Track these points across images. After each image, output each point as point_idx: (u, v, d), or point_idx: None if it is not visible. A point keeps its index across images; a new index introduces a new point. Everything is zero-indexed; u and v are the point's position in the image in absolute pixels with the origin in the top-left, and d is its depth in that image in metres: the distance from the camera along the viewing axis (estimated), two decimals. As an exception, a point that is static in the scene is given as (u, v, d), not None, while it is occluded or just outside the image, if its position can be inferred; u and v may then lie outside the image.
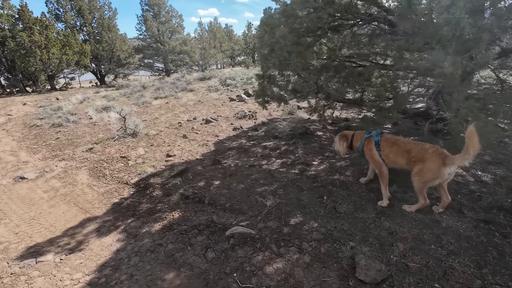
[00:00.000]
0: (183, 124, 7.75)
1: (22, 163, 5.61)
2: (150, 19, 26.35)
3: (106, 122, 8.52)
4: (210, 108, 9.85)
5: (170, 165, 4.95)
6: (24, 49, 19.46)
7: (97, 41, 25.30)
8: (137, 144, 6.27)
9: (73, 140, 6.94)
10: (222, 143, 5.93)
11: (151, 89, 17.00)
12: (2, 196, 4.24)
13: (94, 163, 5.35)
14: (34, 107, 13.02)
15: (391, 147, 3.06)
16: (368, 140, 3.25)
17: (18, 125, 9.22)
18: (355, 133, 3.43)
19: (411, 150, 2.88)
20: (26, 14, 19.96)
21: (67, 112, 10.00)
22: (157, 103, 11.62)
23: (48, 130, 8.08)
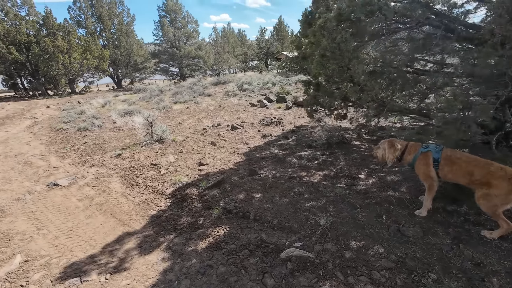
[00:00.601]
0: (208, 130, 7.57)
1: (53, 168, 5.52)
2: (167, 24, 26.67)
3: (131, 126, 8.45)
4: (232, 114, 9.66)
5: (204, 174, 4.73)
6: (47, 53, 19.93)
7: (116, 46, 25.75)
8: (165, 150, 6.10)
9: (100, 145, 6.85)
10: (254, 152, 5.69)
11: (168, 93, 17.04)
12: (38, 204, 4.11)
13: (125, 170, 5.19)
14: (57, 110, 13.18)
15: (452, 166, 2.76)
16: (424, 155, 2.94)
17: (44, 128, 9.27)
18: (409, 144, 3.11)
19: (474, 172, 2.58)
20: (50, 20, 20.51)
21: (91, 116, 10.01)
22: (178, 107, 11.54)
23: (74, 134, 8.05)
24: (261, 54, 37.16)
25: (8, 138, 8.21)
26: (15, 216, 3.83)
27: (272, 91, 15.00)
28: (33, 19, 20.93)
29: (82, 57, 21.21)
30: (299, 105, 10.38)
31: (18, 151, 6.82)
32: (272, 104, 11.10)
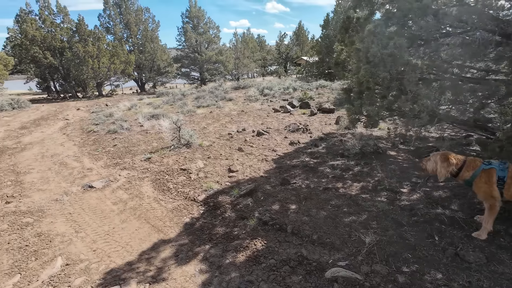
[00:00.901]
0: (233, 136, 7.52)
1: (87, 170, 5.67)
2: (190, 30, 27.35)
3: (158, 130, 8.59)
4: (256, 119, 9.59)
5: (235, 181, 4.65)
6: (78, 58, 21.00)
7: (141, 51, 26.69)
8: (193, 155, 6.10)
9: (129, 148, 6.99)
10: (283, 159, 5.54)
11: (190, 97, 17.33)
12: (75, 206, 4.20)
13: (156, 174, 5.22)
14: (87, 112, 13.75)
15: None
16: (487, 172, 2.66)
17: (76, 130, 9.66)
18: (467, 160, 2.83)
19: None
20: (82, 27, 21.63)
21: (119, 119, 10.32)
22: (201, 112, 11.65)
23: (104, 136, 8.30)
24: (281, 59, 37.07)
25: (44, 138, 8.61)
26: (54, 217, 3.92)
27: (294, 97, 14.84)
28: (67, 26, 22.16)
29: (110, 62, 22.14)
30: (324, 111, 10.14)
31: (54, 152, 7.11)
32: (296, 109, 10.92)
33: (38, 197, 4.53)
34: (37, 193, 4.70)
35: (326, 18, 25.65)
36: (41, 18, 21.28)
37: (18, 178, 5.38)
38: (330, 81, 21.48)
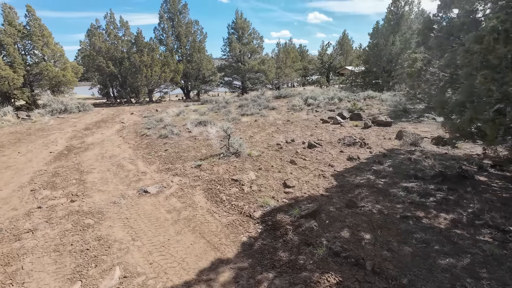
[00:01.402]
0: (283, 147, 7.14)
1: (141, 174, 5.77)
2: (235, 41, 28.17)
3: (205, 137, 8.62)
4: (304, 130, 9.11)
5: (293, 198, 4.22)
6: (134, 67, 22.88)
7: (188, 61, 28.19)
8: (243, 165, 5.85)
9: (180, 153, 7.04)
10: (344, 176, 4.97)
11: (233, 105, 17.53)
12: (131, 210, 4.17)
13: (207, 183, 5.05)
14: (139, 117, 14.67)
15: None
16: None
17: (131, 133, 10.22)
18: None
19: None
20: (140, 39, 23.62)
21: (169, 125, 10.70)
22: (246, 120, 11.55)
23: (156, 140, 8.58)
24: (323, 68, 36.11)
25: (103, 140, 9.24)
26: (112, 220, 3.91)
27: (340, 107, 14.03)
28: (127, 39, 24.43)
29: (161, 71, 23.71)
30: (379, 124, 9.25)
31: (112, 153, 7.49)
32: (347, 121, 10.18)
33: (98, 198, 4.64)
34: (98, 193, 4.84)
35: (375, 26, 24.31)
36: (107, 32, 23.79)
37: (81, 177, 5.67)
38: (378, 92, 20.08)
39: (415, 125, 9.13)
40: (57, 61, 20.06)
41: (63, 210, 4.23)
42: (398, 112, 11.21)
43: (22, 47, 18.63)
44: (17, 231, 3.68)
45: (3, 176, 5.87)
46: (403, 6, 23.04)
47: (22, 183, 5.44)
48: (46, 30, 18.88)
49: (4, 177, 5.80)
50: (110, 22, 24.18)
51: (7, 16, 17.50)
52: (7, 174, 5.98)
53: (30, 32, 18.14)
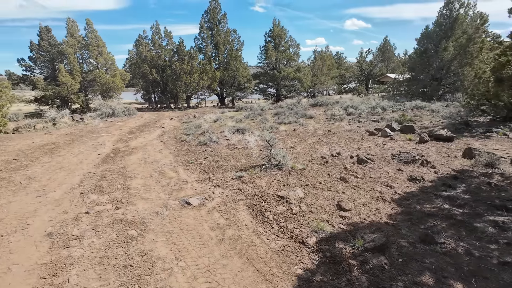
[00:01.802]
0: (328, 160, 6.56)
1: (182, 182, 5.63)
2: (271, 48, 28.17)
3: (244, 145, 8.36)
4: (349, 142, 8.39)
5: (351, 224, 3.66)
6: (175, 74, 23.94)
7: (225, 68, 28.79)
8: (287, 179, 5.40)
9: (219, 162, 6.84)
10: (408, 201, 4.26)
11: (268, 112, 17.24)
12: (173, 223, 3.97)
13: (250, 198, 4.70)
14: (178, 122, 15.08)
15: None
16: None
17: (171, 138, 10.41)
18: None
19: None
20: (181, 48, 24.73)
21: (207, 131, 10.71)
22: (284, 129, 11.13)
23: (195, 147, 8.55)
24: (362, 76, 34.35)
25: (146, 144, 9.50)
26: (155, 233, 3.72)
27: (385, 117, 12.93)
28: (170, 48, 25.77)
29: (199, 78, 24.48)
30: (438, 138, 8.16)
31: (154, 158, 7.58)
32: (397, 134, 9.20)
33: (141, 207, 4.54)
34: (141, 201, 4.76)
35: (424, 31, 22.47)
36: (152, 41, 25.35)
37: (126, 182, 5.70)
38: (426, 102, 18.30)
39: (482, 141, 7.89)
40: (108, 68, 21.79)
41: (108, 217, 4.18)
42: (458, 126, 9.87)
43: (80, 56, 20.56)
44: (66, 237, 3.66)
45: (57, 177, 6.17)
46: (457, 9, 20.98)
47: (73, 185, 5.62)
48: (101, 41, 20.64)
49: (58, 178, 6.09)
50: (155, 33, 25.77)
51: (70, 29, 19.49)
52: (61, 175, 6.28)
53: (88, 43, 19.96)
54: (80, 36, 20.12)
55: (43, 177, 6.12)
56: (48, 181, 5.87)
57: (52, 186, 5.57)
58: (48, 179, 5.99)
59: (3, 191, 5.31)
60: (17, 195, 5.15)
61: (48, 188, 5.46)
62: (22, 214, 4.35)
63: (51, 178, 6.05)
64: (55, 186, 5.57)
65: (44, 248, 3.44)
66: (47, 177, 6.12)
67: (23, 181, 5.87)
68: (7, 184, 5.72)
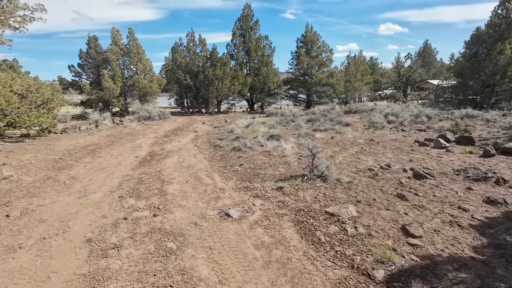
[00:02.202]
0: (378, 173, 5.83)
1: (219, 190, 5.32)
2: (303, 54, 27.61)
3: (280, 153, 7.90)
4: (396, 153, 7.53)
5: (426, 257, 2.99)
6: (207, 80, 24.38)
7: (255, 74, 28.77)
8: (334, 193, 4.82)
9: (256, 170, 6.45)
10: (491, 229, 3.46)
11: (301, 118, 16.64)
12: (214, 237, 3.61)
13: (295, 213, 4.21)
14: (210, 127, 15.10)
15: None
16: None
17: (204, 143, 10.31)
18: None
19: None
20: (214, 54, 25.19)
21: (241, 136, 10.45)
22: (320, 136, 10.48)
23: (230, 153, 8.28)
24: (399, 82, 32.17)
25: (180, 148, 9.47)
26: (195, 248, 3.39)
27: (432, 127, 11.65)
28: (203, 54, 26.39)
29: (231, 83, 24.65)
30: (506, 152, 6.99)
31: (189, 163, 7.43)
32: (453, 145, 8.10)
33: (179, 215, 4.27)
34: (178, 209, 4.50)
35: (474, 33, 20.40)
36: (187, 48, 26.18)
37: (162, 187, 5.54)
38: (477, 110, 16.36)
39: None
40: (146, 74, 22.85)
41: (146, 225, 3.95)
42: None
43: (122, 63, 21.82)
44: (105, 245, 3.47)
45: (98, 178, 6.22)
46: (515, 8, 18.78)
47: (112, 187, 5.59)
48: (141, 48, 21.73)
49: (98, 179, 6.14)
50: (190, 40, 26.60)
51: (114, 37, 20.80)
52: (101, 176, 6.33)
53: (129, 50, 21.12)
54: (122, 44, 21.39)
55: (85, 178, 6.21)
56: (89, 182, 5.92)
57: (92, 188, 5.59)
58: (89, 180, 6.06)
59: (49, 190, 5.42)
60: (61, 195, 5.21)
61: (89, 189, 5.47)
62: (64, 216, 4.31)
63: (92, 179, 6.11)
64: (96, 188, 5.57)
65: (83, 255, 3.27)
66: (88, 178, 6.20)
67: (67, 181, 5.99)
68: (53, 183, 5.87)
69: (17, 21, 9.17)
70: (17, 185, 5.71)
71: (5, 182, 5.83)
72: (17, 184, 5.76)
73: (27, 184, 5.75)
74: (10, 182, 5.87)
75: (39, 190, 5.44)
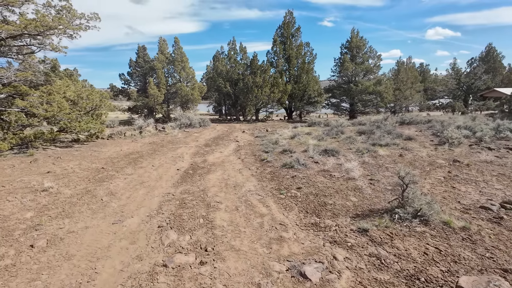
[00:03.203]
0: (502, 216, 4.05)
1: (279, 225, 4.06)
2: (348, 60, 25.60)
3: (344, 174, 6.41)
4: (505, 182, 5.54)
5: None
6: (247, 88, 23.71)
7: (295, 81, 27.43)
8: (451, 248, 3.23)
9: (320, 197, 5.07)
10: None
11: (348, 129, 14.82)
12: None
13: (405, 281, 2.74)
14: (251, 136, 14.08)
15: None
16: None
17: (248, 155, 9.23)
18: None
19: None
20: (254, 62, 24.51)
21: (288, 150, 9.16)
22: (384, 153, 8.69)
23: (280, 170, 7.02)
24: (459, 90, 28.03)
25: (223, 160, 8.50)
26: None
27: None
28: (244, 62, 25.92)
29: (270, 91, 23.65)
30: None
31: (235, 181, 6.34)
32: None
33: (233, 266, 3.09)
34: (231, 255, 3.33)
35: None
36: (228, 56, 25.96)
37: (208, 215, 4.46)
38: None
39: None
40: (188, 82, 22.98)
41: (192, 281, 2.84)
42: None
43: (166, 71, 22.22)
44: (136, 314, 2.40)
45: (137, 195, 5.41)
46: None
47: (151, 210, 4.68)
48: (185, 56, 21.91)
49: (137, 197, 5.32)
50: (231, 48, 26.36)
51: (161, 47, 21.28)
52: (140, 193, 5.52)
53: (174, 59, 21.40)
54: (168, 53, 21.81)
55: (123, 194, 5.44)
56: (127, 201, 5.11)
57: (130, 209, 4.74)
58: (127, 198, 5.26)
59: (84, 210, 4.69)
60: (95, 216, 4.42)
61: (126, 211, 4.63)
62: (94, 252, 3.41)
63: (131, 197, 5.31)
64: (133, 209, 4.71)
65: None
66: (127, 195, 5.42)
67: (105, 197, 5.26)
68: (90, 199, 5.18)
69: (72, 28, 9.18)
70: (54, 199, 5.12)
71: (43, 195, 5.30)
72: (54, 198, 5.19)
73: (64, 199, 5.13)
74: (49, 195, 5.33)
75: (74, 208, 4.75)
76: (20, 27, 7.71)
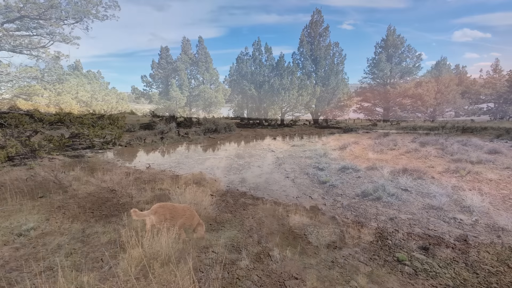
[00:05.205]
0: None
1: None
2: (384, 61, 22.72)
3: (478, 217, 3.92)
4: None
5: None
6: (272, 90, 21.48)
7: (323, 84, 24.86)
8: None
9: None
10: None
11: (398, 137, 12.11)
12: None
13: None
14: (285, 144, 11.77)
15: None
16: None
17: (297, 172, 6.91)
18: None
19: None
20: (281, 63, 22.27)
21: (350, 167, 6.75)
22: (495, 177, 6.06)
23: (361, 202, 4.64)
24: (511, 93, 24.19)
25: (267, 180, 6.23)
26: None
27: None
28: (269, 63, 23.74)
29: (298, 94, 21.30)
30: None
31: (300, 221, 4.04)
32: None
33: None
34: None
35: None
36: (253, 57, 23.90)
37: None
38: None
39: None
40: (212, 84, 21.13)
41: None
42: None
43: (189, 72, 20.49)
44: None
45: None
46: None
47: None
48: (209, 57, 20.07)
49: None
50: (256, 49, 24.31)
51: (184, 47, 19.56)
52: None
53: (197, 59, 19.62)
54: (191, 54, 20.09)
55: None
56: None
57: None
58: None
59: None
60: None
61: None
62: None
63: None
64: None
65: None
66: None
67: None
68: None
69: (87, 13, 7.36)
70: (30, 252, 3.07)
71: (18, 241, 3.27)
72: (32, 250, 3.14)
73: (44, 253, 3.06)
74: (22, 244, 3.30)
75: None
76: (17, 7, 5.95)
